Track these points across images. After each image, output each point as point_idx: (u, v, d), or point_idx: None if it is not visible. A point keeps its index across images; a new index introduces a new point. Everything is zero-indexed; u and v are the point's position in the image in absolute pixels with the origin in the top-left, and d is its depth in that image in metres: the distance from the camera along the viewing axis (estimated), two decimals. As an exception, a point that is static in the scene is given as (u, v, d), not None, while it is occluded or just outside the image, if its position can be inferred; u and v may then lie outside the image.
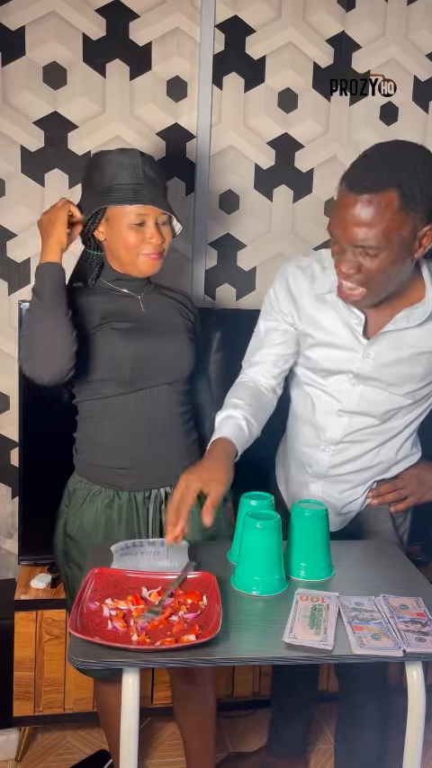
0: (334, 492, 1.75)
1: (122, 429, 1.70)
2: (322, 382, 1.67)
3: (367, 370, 1.59)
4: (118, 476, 1.71)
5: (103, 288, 1.73)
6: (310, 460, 1.75)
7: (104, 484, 1.71)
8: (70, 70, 2.22)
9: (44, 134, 2.23)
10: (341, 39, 2.37)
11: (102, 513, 1.70)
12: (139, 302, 1.74)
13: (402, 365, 1.58)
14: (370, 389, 1.62)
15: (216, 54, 2.29)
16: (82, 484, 1.74)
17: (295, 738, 2.11)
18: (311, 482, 1.77)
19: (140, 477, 1.71)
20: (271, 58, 2.34)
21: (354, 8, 2.37)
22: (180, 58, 2.28)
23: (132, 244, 1.64)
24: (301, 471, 1.79)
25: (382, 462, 1.72)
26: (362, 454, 1.70)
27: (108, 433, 1.70)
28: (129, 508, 1.71)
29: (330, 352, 1.62)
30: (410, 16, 2.41)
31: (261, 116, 2.36)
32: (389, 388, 1.61)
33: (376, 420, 1.65)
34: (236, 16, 2.29)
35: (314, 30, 2.35)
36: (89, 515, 1.71)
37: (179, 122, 2.31)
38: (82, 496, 1.73)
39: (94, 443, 1.72)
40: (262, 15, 2.31)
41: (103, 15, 2.21)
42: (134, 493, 1.71)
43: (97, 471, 1.72)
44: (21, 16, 2.16)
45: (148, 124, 2.29)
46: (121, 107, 2.26)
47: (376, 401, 1.63)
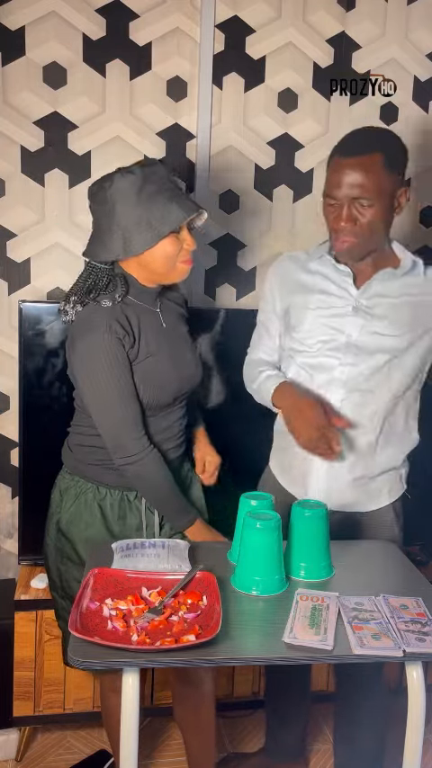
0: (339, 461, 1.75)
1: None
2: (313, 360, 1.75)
3: (358, 327, 1.71)
4: (113, 476, 1.70)
5: (126, 303, 1.65)
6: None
7: (98, 482, 1.72)
8: (70, 70, 2.22)
9: (44, 134, 2.23)
10: (341, 39, 2.37)
11: (95, 507, 1.70)
12: (159, 316, 1.72)
13: (390, 308, 1.72)
14: (366, 338, 1.71)
15: (216, 54, 2.29)
16: (73, 481, 1.74)
17: (292, 741, 2.10)
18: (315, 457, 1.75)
19: None
20: (271, 58, 2.34)
21: (354, 8, 2.37)
22: (180, 57, 2.28)
23: (172, 253, 1.62)
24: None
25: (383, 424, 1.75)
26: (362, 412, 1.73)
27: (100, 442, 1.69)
28: (120, 505, 1.72)
29: (323, 313, 1.75)
30: (410, 16, 2.41)
31: (261, 116, 2.36)
32: (382, 331, 1.71)
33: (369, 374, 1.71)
34: (236, 16, 2.29)
35: (314, 30, 2.35)
36: (82, 509, 1.71)
37: (179, 122, 2.31)
38: (75, 494, 1.73)
39: (90, 445, 1.72)
40: (262, 15, 2.31)
41: (103, 15, 2.21)
42: (126, 492, 1.72)
43: (91, 470, 1.72)
44: (21, 16, 2.16)
45: (148, 124, 2.29)
46: (121, 107, 2.26)
47: (371, 347, 1.71)
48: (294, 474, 1.82)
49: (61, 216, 2.27)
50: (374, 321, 1.71)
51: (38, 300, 2.23)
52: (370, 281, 1.73)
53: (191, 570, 1.44)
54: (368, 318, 1.71)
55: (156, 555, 1.51)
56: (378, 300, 1.72)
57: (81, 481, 1.73)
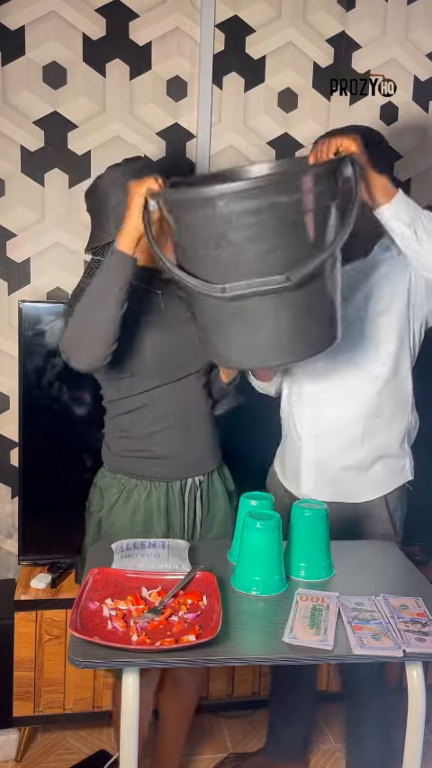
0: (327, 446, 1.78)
1: (158, 420, 1.71)
2: None
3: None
4: (155, 466, 1.72)
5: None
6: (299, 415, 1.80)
7: (141, 476, 1.73)
8: (70, 70, 2.22)
9: (44, 134, 2.23)
10: (341, 39, 2.37)
11: (140, 505, 1.72)
12: (159, 297, 1.74)
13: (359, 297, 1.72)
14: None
15: (216, 54, 2.29)
16: (115, 479, 1.75)
17: (294, 740, 2.10)
18: (304, 446, 1.80)
19: (177, 466, 1.74)
20: (271, 57, 2.34)
21: (354, 8, 2.37)
22: (180, 57, 2.28)
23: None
24: (293, 438, 1.83)
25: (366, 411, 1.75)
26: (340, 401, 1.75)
27: (144, 426, 1.72)
28: (166, 498, 1.73)
29: None
30: (410, 16, 2.41)
31: (261, 116, 2.36)
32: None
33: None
34: (236, 16, 2.29)
35: (314, 30, 2.35)
36: (126, 508, 1.72)
37: (179, 122, 2.31)
38: (117, 492, 1.73)
39: (130, 437, 1.74)
40: (262, 15, 2.31)
41: (103, 15, 2.21)
42: (171, 483, 1.74)
43: (133, 464, 1.74)
44: (21, 16, 2.16)
45: (148, 124, 2.29)
46: (121, 107, 2.26)
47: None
48: (287, 467, 1.85)
49: (61, 216, 2.27)
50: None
51: (38, 300, 2.23)
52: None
53: (191, 570, 1.44)
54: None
55: (156, 555, 1.52)
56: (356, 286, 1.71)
57: (123, 478, 1.74)
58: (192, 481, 1.76)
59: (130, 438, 1.74)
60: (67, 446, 2.18)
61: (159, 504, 1.72)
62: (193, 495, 1.77)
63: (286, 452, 1.88)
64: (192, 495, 1.76)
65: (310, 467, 1.80)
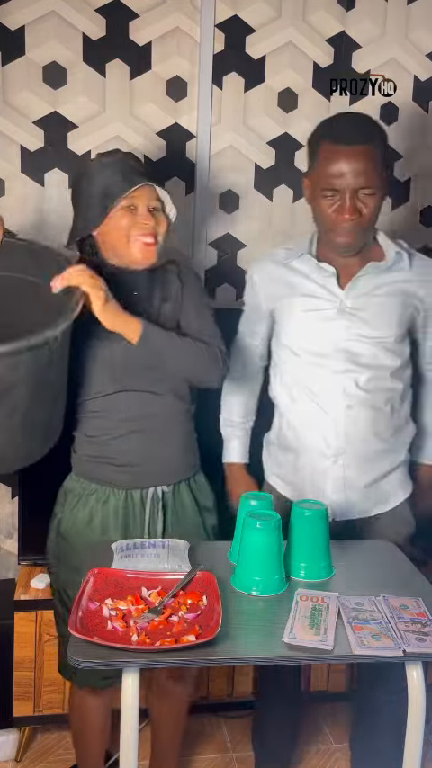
0: (355, 464, 1.74)
1: (120, 426, 1.68)
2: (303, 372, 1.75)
3: (344, 330, 1.70)
4: (115, 473, 1.69)
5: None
6: (325, 431, 1.75)
7: (101, 482, 1.70)
8: (70, 70, 2.22)
9: (44, 134, 2.23)
10: (341, 39, 2.37)
11: (98, 511, 1.69)
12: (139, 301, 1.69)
13: (377, 308, 1.70)
14: (353, 342, 1.70)
15: (216, 54, 2.29)
16: (78, 483, 1.73)
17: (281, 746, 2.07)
18: (332, 463, 1.75)
19: (138, 474, 1.70)
20: (271, 57, 2.34)
21: (354, 8, 2.37)
22: (180, 57, 2.28)
23: (125, 225, 1.60)
24: (315, 455, 1.77)
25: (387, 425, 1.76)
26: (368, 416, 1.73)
27: (106, 431, 1.69)
28: (125, 507, 1.70)
29: (309, 316, 1.73)
30: (410, 16, 2.41)
31: (261, 116, 2.36)
32: (370, 334, 1.69)
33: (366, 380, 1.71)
34: (236, 16, 2.29)
35: (314, 30, 2.35)
36: (84, 513, 1.70)
37: (179, 122, 2.30)
38: (77, 494, 1.72)
39: (92, 441, 1.71)
40: (262, 15, 2.31)
41: (103, 15, 2.21)
42: (131, 491, 1.70)
43: (94, 468, 1.71)
44: (21, 16, 2.16)
45: (148, 124, 2.29)
46: (121, 107, 2.26)
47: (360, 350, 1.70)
48: (305, 488, 1.80)
49: (61, 216, 2.27)
50: (361, 324, 1.69)
51: (38, 300, 2.23)
52: (355, 278, 1.70)
53: (191, 570, 1.44)
54: (354, 321, 1.69)
55: (156, 555, 1.51)
56: (364, 301, 1.70)
57: (84, 482, 1.72)
58: (153, 491, 1.71)
59: (92, 442, 1.71)
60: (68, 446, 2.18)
61: (117, 512, 1.69)
62: (157, 505, 1.71)
63: (302, 474, 1.81)
64: (155, 505, 1.71)
65: (338, 486, 1.76)
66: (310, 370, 1.74)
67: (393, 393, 1.75)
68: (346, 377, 1.70)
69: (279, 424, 1.86)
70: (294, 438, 1.81)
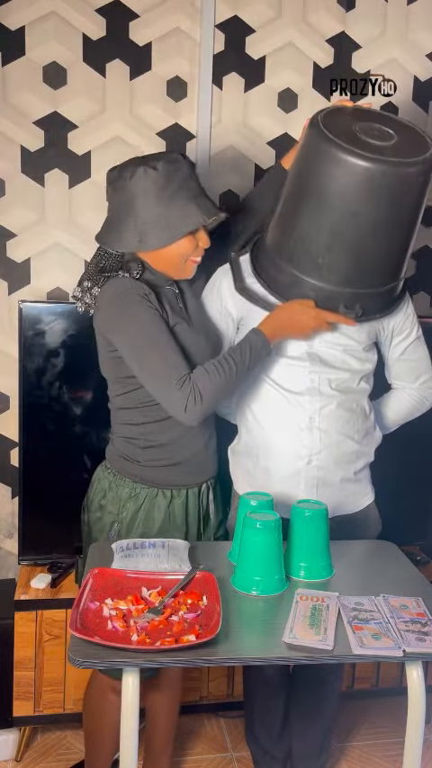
0: (329, 465, 1.75)
1: (184, 428, 1.67)
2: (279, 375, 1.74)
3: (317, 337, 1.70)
4: (180, 474, 1.74)
5: (147, 281, 1.66)
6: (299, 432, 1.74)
7: (166, 486, 1.73)
8: (70, 70, 2.22)
9: (44, 134, 2.23)
10: (341, 39, 2.37)
11: (164, 515, 1.72)
12: (177, 295, 1.73)
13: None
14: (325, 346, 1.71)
15: (216, 54, 2.29)
16: (137, 489, 1.73)
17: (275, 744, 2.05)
18: (304, 467, 1.74)
19: (198, 472, 1.77)
20: (271, 57, 2.34)
21: (354, 8, 2.37)
22: (180, 58, 2.28)
23: (186, 252, 1.64)
24: (288, 457, 1.76)
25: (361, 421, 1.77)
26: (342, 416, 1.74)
27: (171, 435, 1.71)
28: (184, 506, 1.75)
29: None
30: (410, 16, 2.41)
31: (261, 116, 2.36)
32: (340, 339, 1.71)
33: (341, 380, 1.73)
34: (236, 16, 2.29)
35: (314, 30, 2.35)
36: (149, 520, 1.72)
37: (179, 122, 2.31)
38: (141, 500, 1.73)
39: (158, 447, 1.72)
40: (262, 15, 2.31)
41: (103, 15, 2.21)
42: (189, 489, 1.76)
43: (160, 474, 1.73)
44: (21, 16, 2.16)
45: (148, 124, 2.29)
46: (121, 107, 2.26)
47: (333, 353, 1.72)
48: (277, 490, 1.75)
49: (61, 216, 2.27)
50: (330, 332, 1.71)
51: (38, 300, 2.23)
52: None
53: (191, 570, 1.44)
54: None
55: (156, 555, 1.52)
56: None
57: (144, 488, 1.73)
58: (206, 485, 1.80)
59: (158, 448, 1.72)
60: (67, 446, 2.18)
61: (178, 511, 1.74)
62: (204, 498, 1.80)
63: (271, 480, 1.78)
64: (205, 497, 1.80)
65: (311, 484, 1.76)
66: (283, 370, 1.74)
67: (363, 395, 1.78)
68: (319, 376, 1.72)
69: (247, 428, 1.83)
70: (264, 441, 1.78)
